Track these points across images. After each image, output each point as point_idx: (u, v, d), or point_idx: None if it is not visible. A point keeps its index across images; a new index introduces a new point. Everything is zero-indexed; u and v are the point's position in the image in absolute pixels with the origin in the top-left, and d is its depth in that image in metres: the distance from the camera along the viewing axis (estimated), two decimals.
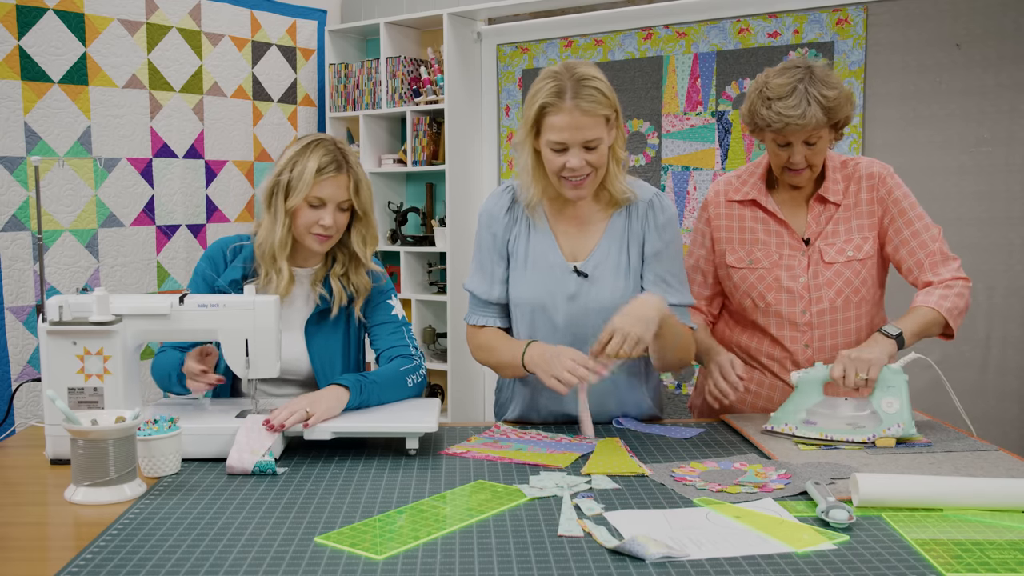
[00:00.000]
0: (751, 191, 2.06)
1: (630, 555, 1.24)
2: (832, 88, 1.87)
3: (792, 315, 2.02)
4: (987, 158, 3.15)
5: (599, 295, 1.90)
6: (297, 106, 4.14)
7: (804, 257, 2.01)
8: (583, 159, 1.79)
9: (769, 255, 2.04)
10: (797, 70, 1.89)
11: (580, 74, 1.78)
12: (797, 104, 1.84)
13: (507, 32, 4.10)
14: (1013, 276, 3.11)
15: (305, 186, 1.89)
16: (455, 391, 4.05)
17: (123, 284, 3.39)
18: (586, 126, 1.77)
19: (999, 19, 3.09)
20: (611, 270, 1.91)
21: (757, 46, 3.52)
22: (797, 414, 1.83)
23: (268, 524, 1.36)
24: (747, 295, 2.07)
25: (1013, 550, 1.26)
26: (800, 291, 2.01)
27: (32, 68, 3.07)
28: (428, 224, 4.31)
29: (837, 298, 2.00)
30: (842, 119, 1.91)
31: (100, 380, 1.66)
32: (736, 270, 2.07)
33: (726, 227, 2.09)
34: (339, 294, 1.99)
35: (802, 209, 2.04)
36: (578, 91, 1.75)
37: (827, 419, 1.81)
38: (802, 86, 1.85)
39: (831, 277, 2.00)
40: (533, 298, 1.93)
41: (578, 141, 1.78)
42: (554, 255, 1.93)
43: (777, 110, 1.86)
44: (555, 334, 1.91)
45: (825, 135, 1.91)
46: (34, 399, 2.95)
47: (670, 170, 3.73)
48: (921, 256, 1.97)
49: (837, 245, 2.00)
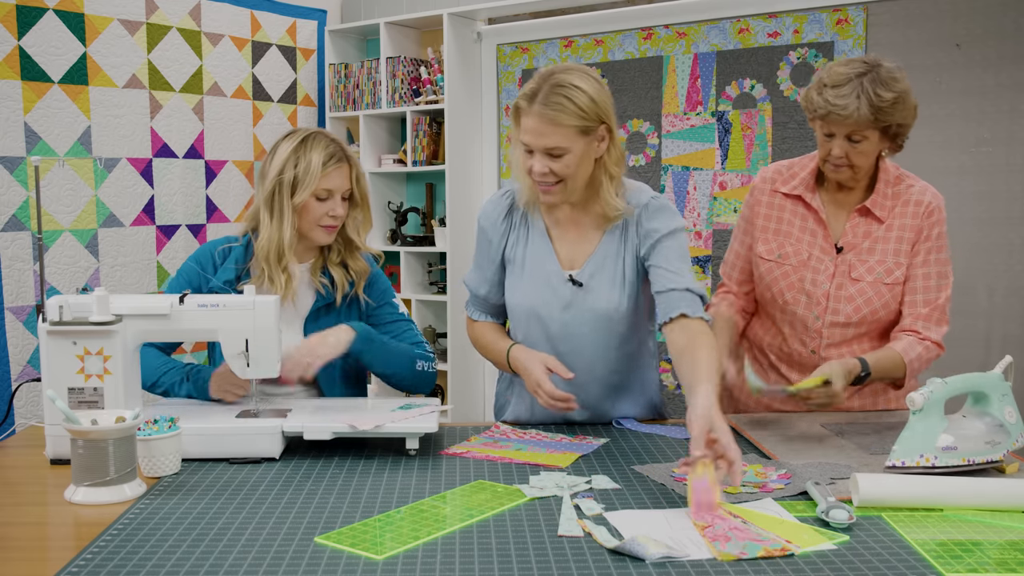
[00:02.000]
0: (799, 185, 2.02)
1: (630, 555, 1.24)
2: (889, 90, 1.81)
3: (805, 318, 2.00)
4: (987, 158, 3.15)
5: (593, 304, 1.88)
6: (297, 106, 4.14)
7: (832, 265, 1.98)
8: (547, 166, 1.76)
9: (799, 253, 2.01)
10: (863, 64, 1.85)
11: (558, 80, 1.73)
12: (846, 95, 1.81)
13: (507, 32, 4.10)
14: (1013, 276, 3.11)
15: (313, 180, 1.90)
16: (455, 391, 4.05)
17: (123, 284, 3.38)
18: (547, 133, 1.73)
19: (999, 19, 3.09)
20: (607, 280, 1.89)
21: (757, 46, 3.52)
22: (932, 441, 1.55)
23: (268, 524, 1.36)
24: (768, 288, 2.05)
25: (1013, 550, 1.26)
26: (819, 297, 1.98)
27: (32, 68, 3.07)
28: (428, 224, 4.31)
29: (854, 315, 1.96)
30: (894, 125, 1.85)
31: (100, 380, 1.66)
32: (764, 261, 2.05)
33: (765, 215, 2.06)
34: (340, 282, 2.01)
35: (843, 215, 2.00)
36: (548, 97, 1.72)
37: (966, 441, 1.56)
38: (860, 79, 1.81)
39: (854, 293, 1.96)
40: (528, 305, 1.93)
41: (540, 147, 1.75)
42: (551, 263, 1.91)
43: (826, 97, 1.83)
44: (549, 342, 1.92)
45: (873, 136, 1.85)
46: (34, 399, 2.95)
47: (670, 170, 3.73)
48: (919, 304, 1.95)
49: (869, 263, 1.96)
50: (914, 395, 1.55)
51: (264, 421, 1.72)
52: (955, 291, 2.04)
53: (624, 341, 1.93)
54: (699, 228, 3.68)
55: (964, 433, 1.56)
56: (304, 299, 2.03)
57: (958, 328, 2.03)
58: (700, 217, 3.68)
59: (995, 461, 1.56)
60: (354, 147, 4.37)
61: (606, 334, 1.91)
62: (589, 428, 1.94)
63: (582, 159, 1.77)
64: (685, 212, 3.71)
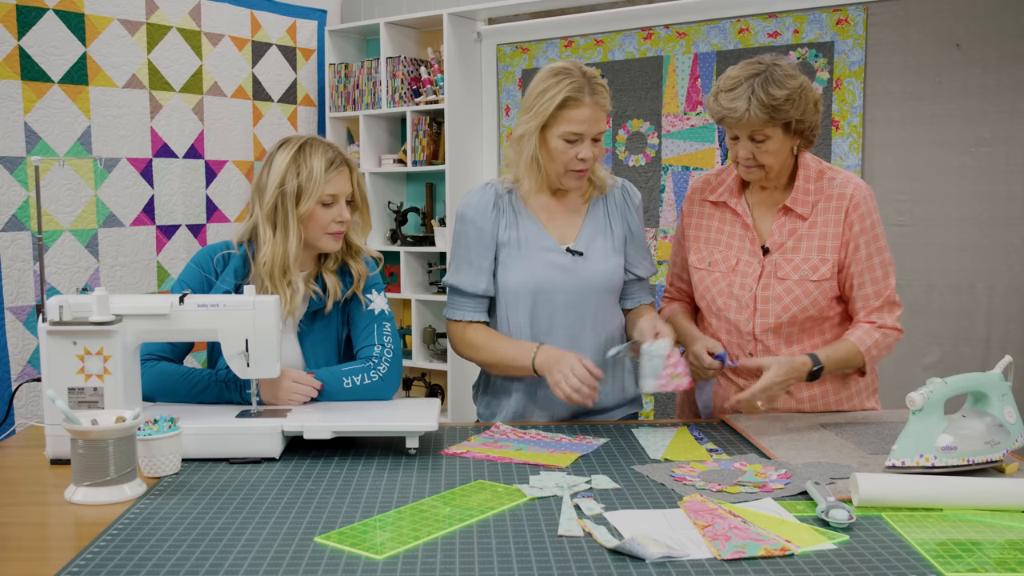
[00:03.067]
0: (724, 192, 2.05)
1: (630, 555, 1.24)
2: (782, 88, 1.81)
3: (738, 323, 2.00)
4: (987, 158, 3.14)
5: (594, 271, 2.01)
6: (297, 106, 4.14)
7: (759, 266, 1.98)
8: (591, 150, 1.94)
9: (728, 259, 2.01)
10: (756, 65, 1.86)
11: (590, 72, 1.94)
12: (737, 98, 1.83)
13: (507, 32, 4.10)
14: (1013, 276, 3.11)
15: (317, 187, 1.88)
16: (455, 391, 4.05)
17: (123, 284, 3.39)
18: (600, 120, 1.94)
19: (999, 19, 3.09)
20: (600, 249, 2.04)
21: (757, 46, 3.51)
22: (932, 441, 1.54)
23: (268, 524, 1.36)
24: (702, 297, 2.06)
25: (1013, 550, 1.26)
26: (747, 300, 1.97)
27: (32, 68, 3.07)
28: (428, 224, 4.31)
29: (784, 314, 1.95)
30: (793, 121, 1.85)
31: (100, 380, 1.66)
32: (696, 270, 2.07)
33: (695, 225, 2.09)
34: (332, 289, 1.98)
35: (770, 216, 2.00)
36: (594, 88, 1.92)
37: (966, 441, 1.55)
38: (749, 82, 1.83)
39: (780, 292, 1.95)
40: (531, 281, 2.00)
41: (592, 133, 1.93)
42: (546, 239, 2.03)
43: (720, 101, 1.86)
44: (555, 316, 1.99)
45: (775, 135, 1.86)
46: (34, 399, 2.95)
47: (670, 170, 3.73)
48: (871, 298, 1.95)
49: (794, 261, 1.95)
50: (914, 395, 1.55)
51: (264, 421, 1.72)
52: (955, 291, 2.04)
53: (619, 311, 2.11)
54: None
55: (964, 433, 1.56)
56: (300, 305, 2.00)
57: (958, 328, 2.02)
58: None
59: (995, 461, 1.56)
60: (354, 147, 4.37)
61: (609, 302, 2.06)
62: (589, 428, 1.94)
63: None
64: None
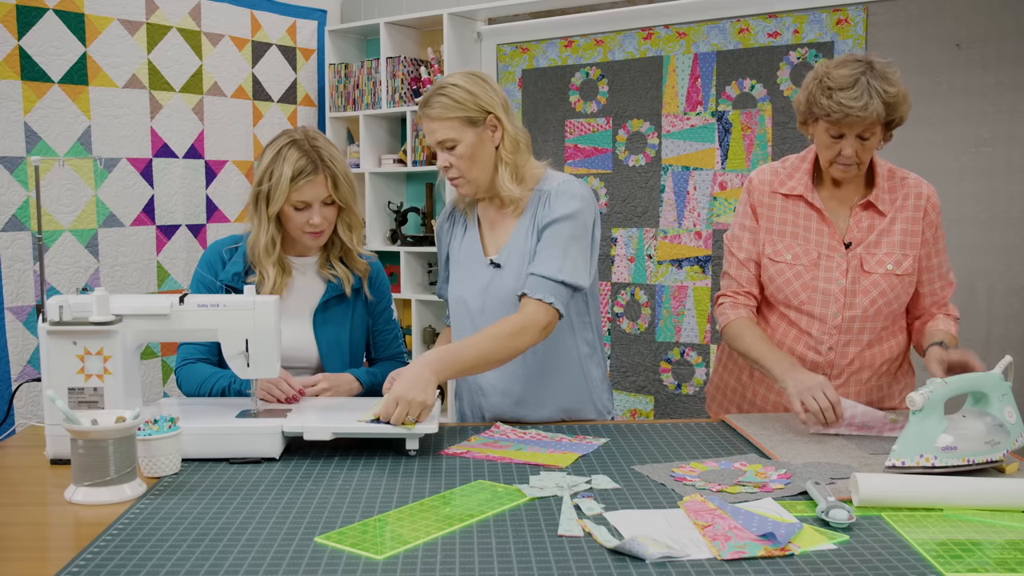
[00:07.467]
0: (797, 185, 2.04)
1: (630, 555, 1.24)
2: (893, 84, 1.85)
3: (824, 316, 2.00)
4: (987, 158, 3.15)
5: (504, 284, 1.99)
6: (297, 106, 4.14)
7: (843, 261, 1.99)
8: (446, 159, 1.95)
9: (808, 252, 2.02)
10: (858, 63, 1.87)
11: (439, 83, 1.95)
12: (859, 95, 1.82)
13: (507, 32, 4.10)
14: (1013, 276, 3.11)
15: (282, 195, 1.96)
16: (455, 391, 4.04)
17: (123, 284, 3.39)
18: (435, 129, 1.93)
19: (999, 19, 3.09)
20: (517, 259, 1.98)
21: (757, 46, 3.52)
22: (931, 441, 1.55)
23: (268, 524, 1.36)
24: (781, 290, 2.04)
25: (1013, 550, 1.26)
26: (836, 294, 1.99)
27: (32, 68, 3.07)
28: (428, 224, 4.31)
29: (871, 307, 1.98)
30: (897, 118, 1.89)
31: (100, 380, 1.66)
32: (774, 263, 2.05)
33: (768, 217, 2.07)
34: (345, 275, 2.08)
35: (843, 211, 2.02)
36: (428, 101, 1.93)
37: (966, 441, 1.55)
38: (864, 78, 1.83)
39: (868, 286, 1.98)
40: (457, 294, 2.06)
41: (434, 143, 1.95)
42: (477, 251, 2.05)
43: (839, 100, 1.84)
44: (473, 327, 2.00)
45: (879, 132, 1.89)
46: (34, 399, 2.95)
47: (670, 170, 3.73)
48: (939, 291, 2.05)
49: (878, 256, 1.98)
50: (914, 395, 1.55)
51: (264, 421, 1.72)
52: (955, 291, 2.07)
53: None
54: (699, 228, 3.68)
55: (964, 433, 1.56)
56: (313, 290, 2.08)
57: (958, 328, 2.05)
58: (700, 217, 3.68)
59: (995, 461, 1.56)
60: (354, 147, 4.37)
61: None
62: (589, 428, 1.94)
63: (476, 149, 1.93)
64: (685, 212, 3.71)
